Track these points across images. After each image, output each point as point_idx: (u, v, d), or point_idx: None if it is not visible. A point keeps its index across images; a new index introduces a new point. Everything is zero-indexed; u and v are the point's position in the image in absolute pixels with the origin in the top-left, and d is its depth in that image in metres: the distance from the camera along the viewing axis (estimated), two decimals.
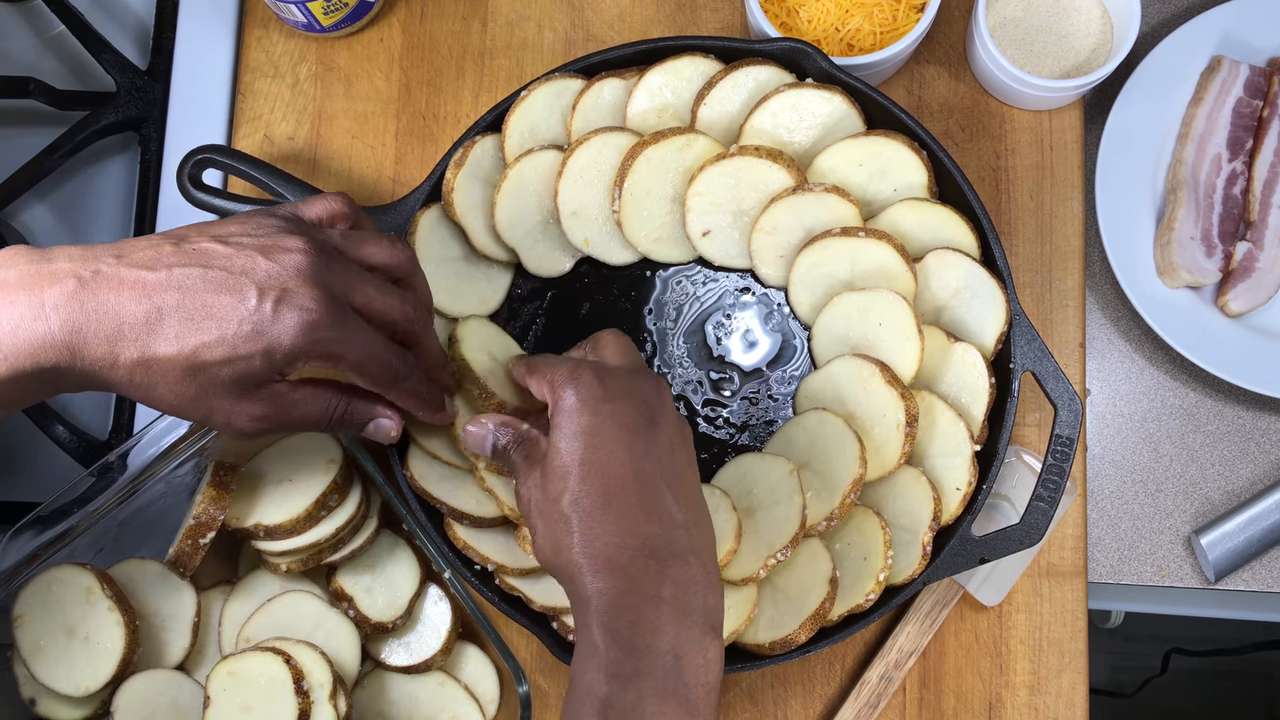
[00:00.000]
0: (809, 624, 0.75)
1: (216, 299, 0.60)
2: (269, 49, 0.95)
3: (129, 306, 0.59)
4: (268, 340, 0.61)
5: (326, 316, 0.62)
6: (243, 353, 0.61)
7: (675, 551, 0.61)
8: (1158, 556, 0.93)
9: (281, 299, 0.61)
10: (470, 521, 0.78)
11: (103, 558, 0.81)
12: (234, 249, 0.62)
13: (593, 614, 0.59)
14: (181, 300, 0.60)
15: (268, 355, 0.61)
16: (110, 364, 0.59)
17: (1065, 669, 0.86)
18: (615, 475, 0.61)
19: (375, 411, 0.71)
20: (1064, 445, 0.77)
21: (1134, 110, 0.92)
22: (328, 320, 0.62)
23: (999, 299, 0.78)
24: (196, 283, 0.60)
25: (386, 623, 0.80)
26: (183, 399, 0.62)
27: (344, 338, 0.63)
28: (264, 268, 0.61)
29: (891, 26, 0.86)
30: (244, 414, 0.64)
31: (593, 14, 0.94)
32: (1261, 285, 0.90)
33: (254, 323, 0.60)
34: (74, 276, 0.59)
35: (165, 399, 0.62)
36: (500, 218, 0.83)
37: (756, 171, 0.80)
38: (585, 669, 0.59)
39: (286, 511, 0.79)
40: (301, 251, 0.62)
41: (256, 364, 0.61)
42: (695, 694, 0.58)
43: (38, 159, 0.94)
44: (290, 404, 0.66)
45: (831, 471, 0.77)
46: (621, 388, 0.64)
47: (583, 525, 0.61)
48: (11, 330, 0.57)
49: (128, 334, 0.59)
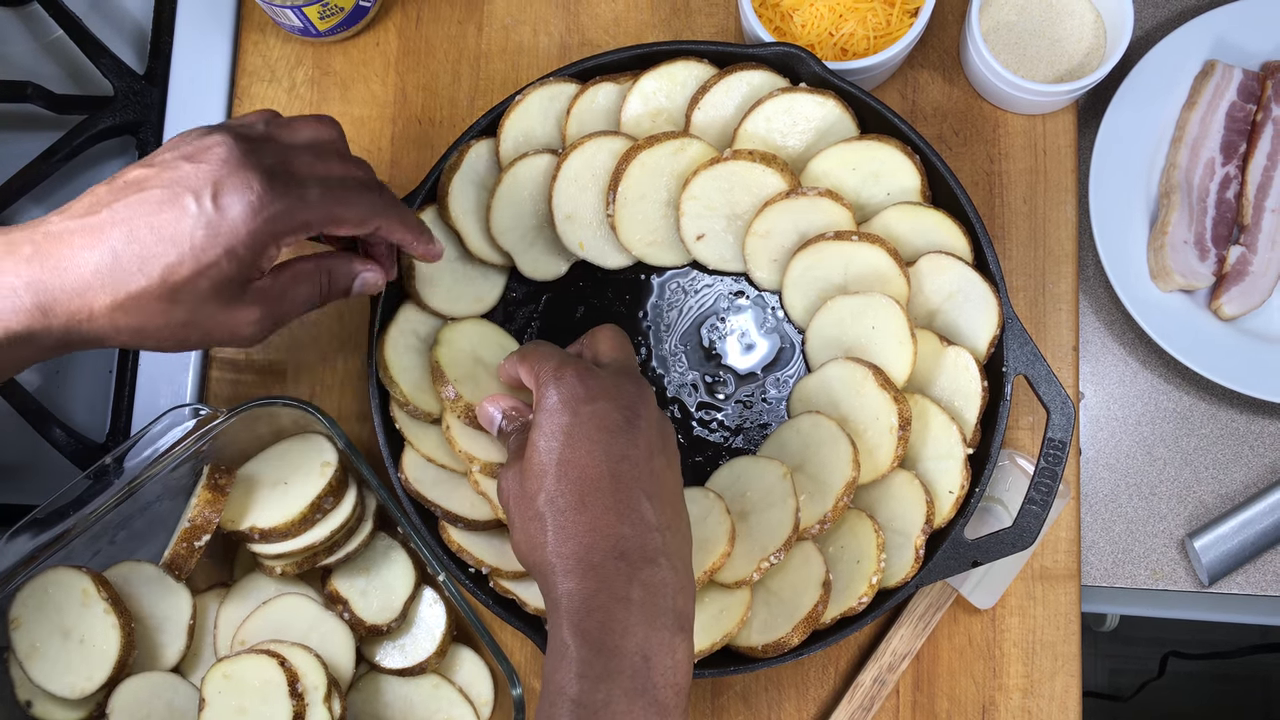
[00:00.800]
0: (802, 627, 0.75)
1: (161, 218, 0.60)
2: (265, 54, 0.95)
3: (84, 255, 0.59)
4: (225, 238, 0.61)
5: (268, 189, 0.62)
6: (208, 259, 0.60)
7: (647, 554, 0.61)
8: (1151, 560, 0.93)
9: (218, 193, 0.60)
10: (464, 524, 0.78)
11: (99, 560, 0.81)
12: (160, 167, 0.61)
13: (563, 614, 0.60)
14: (131, 233, 0.59)
15: (231, 253, 0.61)
16: (87, 316, 0.60)
17: (1059, 672, 0.86)
18: (591, 476, 0.62)
19: (354, 269, 0.71)
20: (1057, 448, 0.77)
21: (1127, 114, 0.92)
22: (271, 194, 0.62)
23: (992, 303, 0.79)
24: (136, 210, 0.60)
25: (381, 625, 0.81)
26: (175, 328, 0.62)
27: (294, 201, 0.63)
28: (191, 171, 0.61)
29: (885, 31, 0.86)
30: (241, 321, 0.64)
31: (588, 18, 0.94)
32: (1255, 289, 0.90)
33: (205, 226, 0.60)
34: (28, 242, 0.59)
35: (159, 334, 0.62)
36: (495, 221, 0.83)
37: (750, 175, 0.81)
38: (556, 669, 0.59)
39: (281, 514, 0.79)
40: (223, 144, 0.62)
41: (225, 266, 0.61)
42: (664, 694, 0.58)
43: (35, 163, 0.94)
44: (279, 294, 0.66)
45: (825, 475, 0.77)
46: (604, 388, 0.64)
47: (556, 524, 0.61)
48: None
49: (92, 281, 0.59)
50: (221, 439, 0.80)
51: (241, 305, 0.64)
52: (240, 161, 0.62)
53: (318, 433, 0.82)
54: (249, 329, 0.65)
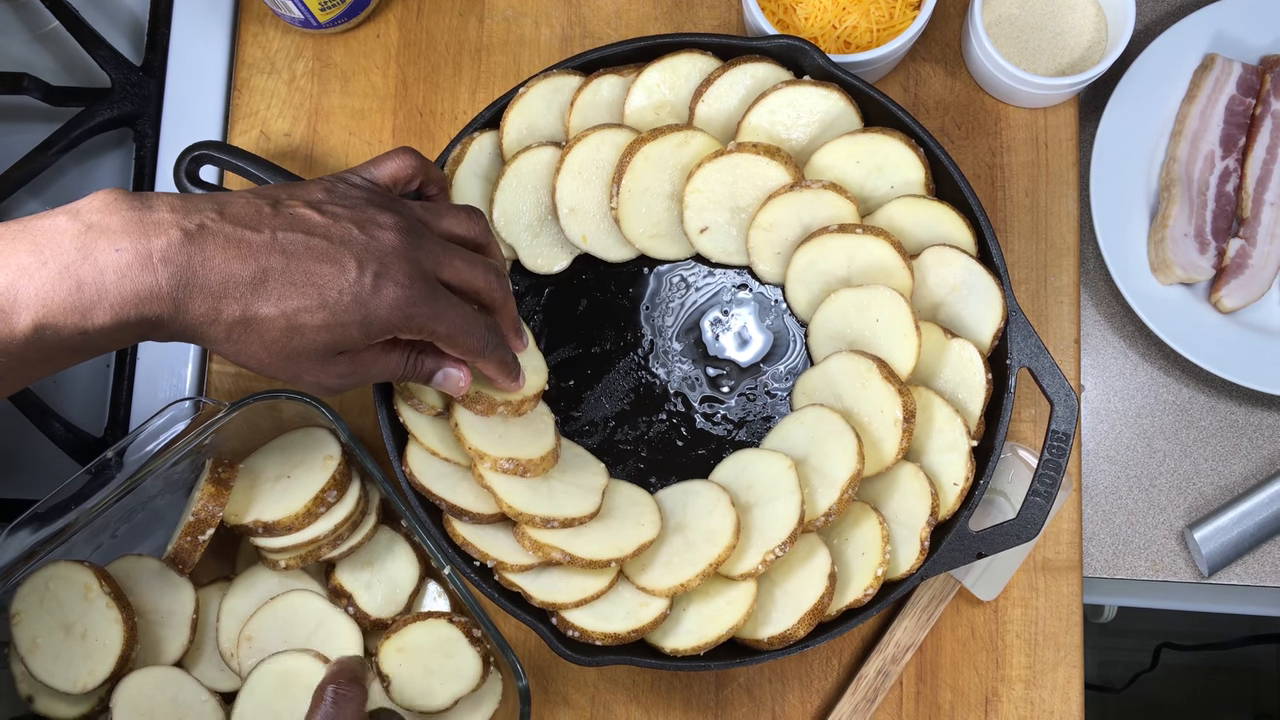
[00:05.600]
0: (807, 619, 0.76)
1: (319, 267, 0.63)
2: (265, 45, 0.94)
3: (235, 265, 0.60)
4: (366, 311, 0.64)
5: (421, 293, 0.66)
6: (341, 320, 0.63)
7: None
8: (1151, 551, 0.94)
9: (380, 274, 0.64)
10: (469, 518, 0.78)
11: (100, 554, 0.80)
12: (330, 219, 0.64)
13: None
14: (287, 264, 0.62)
15: (364, 325, 0.64)
16: (212, 320, 0.61)
17: (1061, 663, 0.86)
18: None
19: (442, 362, 0.73)
20: (1060, 441, 0.77)
21: (1128, 108, 0.92)
22: (422, 297, 0.66)
23: (995, 295, 0.79)
24: (300, 248, 0.62)
25: (386, 619, 0.80)
26: (275, 358, 0.64)
27: (436, 313, 0.67)
28: (361, 241, 0.64)
29: (888, 24, 0.86)
30: (330, 373, 0.67)
31: (590, 10, 0.94)
32: (1254, 282, 0.91)
33: (354, 294, 0.63)
34: (178, 228, 0.59)
35: (258, 356, 0.64)
36: (498, 214, 0.83)
37: (754, 168, 0.81)
38: None
39: (285, 508, 0.79)
40: (394, 229, 0.66)
41: (354, 333, 0.64)
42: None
43: (32, 155, 0.93)
44: (369, 361, 0.69)
45: (829, 467, 0.77)
46: None
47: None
48: (118, 279, 0.58)
49: (233, 292, 0.60)
50: (224, 433, 0.80)
51: (336, 361, 0.66)
52: (404, 254, 0.66)
53: (321, 426, 0.82)
54: (334, 382, 0.68)
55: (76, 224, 0.58)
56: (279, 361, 0.64)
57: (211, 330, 0.61)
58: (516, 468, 0.77)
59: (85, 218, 0.58)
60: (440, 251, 0.68)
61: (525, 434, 0.80)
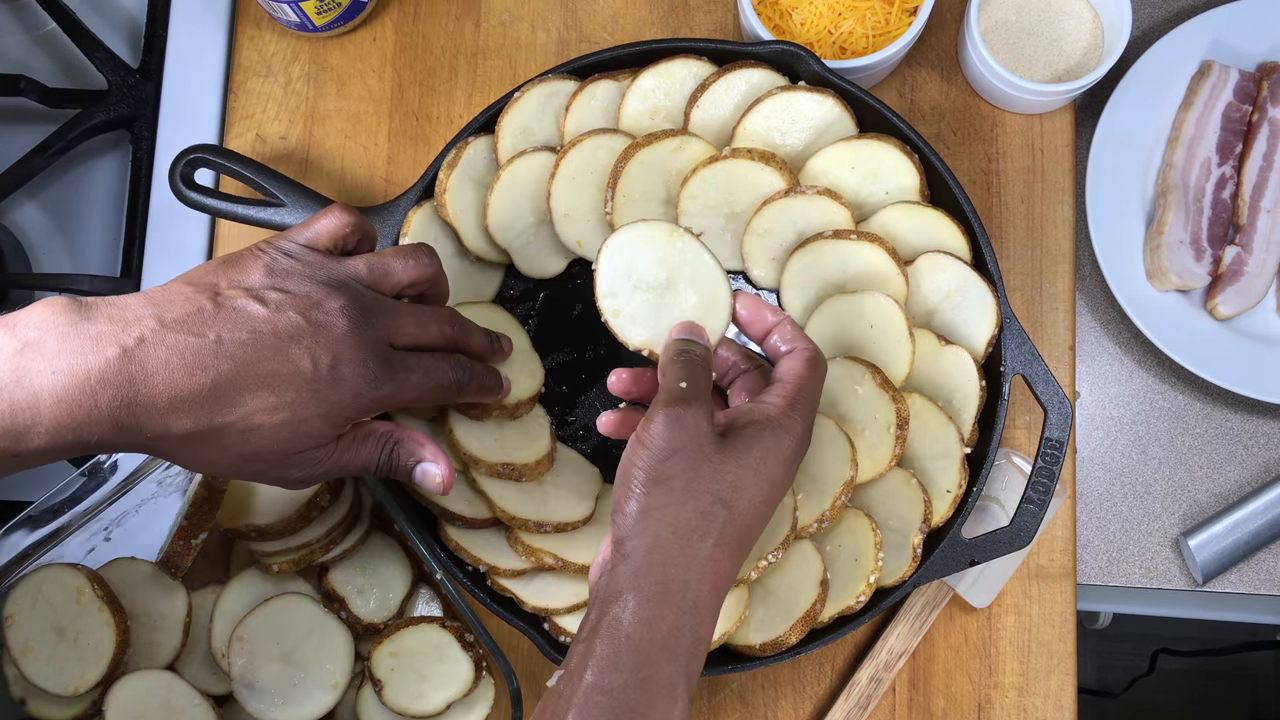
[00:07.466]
0: (800, 625, 0.75)
1: (270, 365, 0.60)
2: (261, 48, 0.95)
3: (181, 379, 0.57)
4: (328, 405, 0.62)
5: (380, 371, 0.63)
6: (302, 416, 0.61)
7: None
8: (1146, 558, 0.93)
9: (335, 364, 0.62)
10: (462, 523, 0.78)
11: (93, 557, 0.80)
12: (274, 311, 0.61)
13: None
14: (235, 370, 0.59)
15: (327, 418, 0.62)
16: (162, 434, 0.58)
17: (1054, 670, 0.86)
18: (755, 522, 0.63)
19: (421, 455, 0.69)
20: (1054, 448, 0.77)
21: (1124, 114, 0.92)
22: (383, 375, 0.64)
23: (990, 302, 0.79)
24: (248, 351, 0.59)
25: (378, 624, 0.80)
26: (238, 461, 0.61)
27: (399, 384, 0.65)
28: (309, 332, 0.61)
29: (884, 30, 0.86)
30: (298, 470, 0.64)
31: (586, 15, 0.94)
32: (1250, 289, 0.91)
33: (311, 390, 0.61)
34: (117, 344, 0.56)
35: (218, 463, 0.61)
36: (493, 219, 0.83)
37: (749, 174, 0.81)
38: None
39: (278, 512, 0.79)
40: (340, 312, 0.63)
41: (318, 426, 0.62)
42: None
43: (28, 157, 0.93)
44: (339, 455, 0.66)
45: (823, 473, 0.77)
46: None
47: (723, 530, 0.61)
48: (54, 405, 0.55)
49: (181, 407, 0.58)
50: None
51: (303, 459, 0.63)
52: (356, 336, 0.63)
53: None
54: (302, 476, 0.65)
55: (12, 342, 0.55)
56: (242, 463, 0.61)
57: (162, 444, 0.59)
58: (511, 472, 0.77)
59: (22, 334, 0.56)
60: (389, 321, 0.65)
61: (520, 438, 0.80)
